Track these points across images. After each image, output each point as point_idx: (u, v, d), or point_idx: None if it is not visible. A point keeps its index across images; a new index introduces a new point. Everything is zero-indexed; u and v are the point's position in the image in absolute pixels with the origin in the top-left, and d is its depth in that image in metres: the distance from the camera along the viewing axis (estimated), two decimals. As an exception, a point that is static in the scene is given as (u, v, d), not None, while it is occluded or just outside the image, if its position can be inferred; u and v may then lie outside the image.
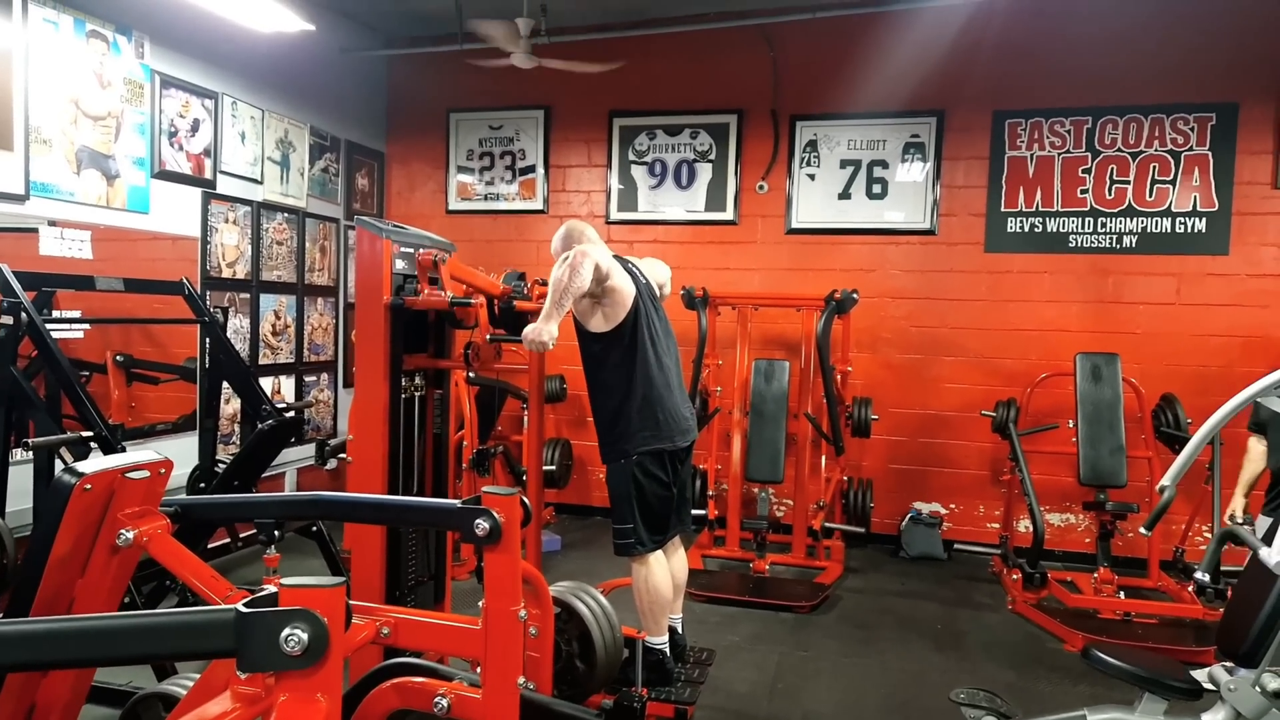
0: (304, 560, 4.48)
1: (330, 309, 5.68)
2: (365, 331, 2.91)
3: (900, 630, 4.01)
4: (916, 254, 5.31)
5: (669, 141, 5.64)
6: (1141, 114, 4.91)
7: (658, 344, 2.98)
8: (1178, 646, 3.70)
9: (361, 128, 5.95)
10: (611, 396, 2.93)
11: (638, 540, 2.93)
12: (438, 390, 3.30)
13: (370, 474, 2.93)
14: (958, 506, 5.36)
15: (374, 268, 2.89)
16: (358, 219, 2.90)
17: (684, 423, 3.00)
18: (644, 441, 2.92)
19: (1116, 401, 4.44)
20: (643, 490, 2.93)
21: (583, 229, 3.16)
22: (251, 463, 3.47)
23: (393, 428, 2.97)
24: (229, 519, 2.19)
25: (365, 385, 2.93)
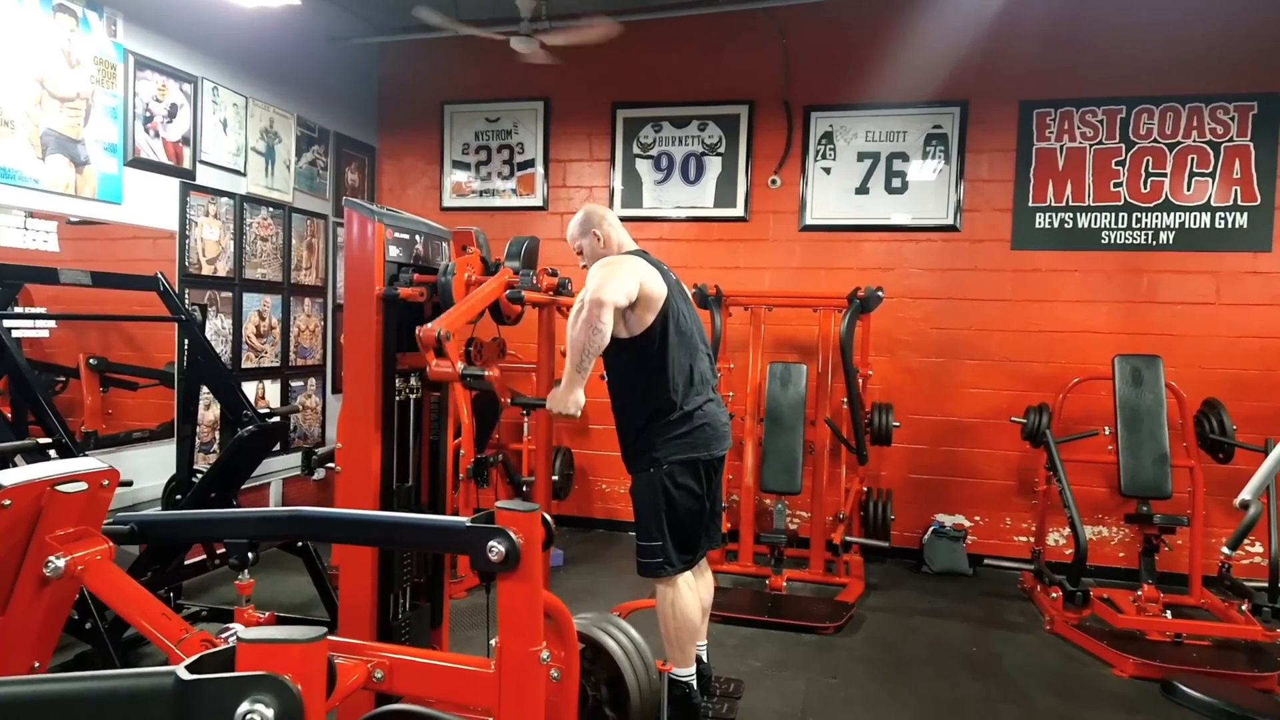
0: (286, 578, 4.15)
1: (318, 310, 5.36)
2: (355, 327, 2.61)
3: (932, 653, 3.72)
4: (937, 252, 5.04)
5: (676, 134, 5.36)
6: (1179, 103, 4.65)
7: (690, 344, 2.69)
8: (1237, 672, 3.42)
9: (351, 119, 5.66)
10: (639, 401, 2.63)
11: (666, 560, 2.63)
12: (435, 393, 2.99)
13: (361, 486, 2.62)
14: (982, 518, 5.07)
15: (365, 254, 2.58)
16: (346, 200, 2.60)
17: (720, 429, 2.71)
18: (675, 449, 2.62)
19: (1159, 407, 4.17)
20: (673, 504, 2.63)
21: (603, 214, 2.87)
22: (230, 473, 3.15)
23: (385, 434, 2.66)
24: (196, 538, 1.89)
25: (355, 387, 2.62)
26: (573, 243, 2.89)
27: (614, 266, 2.61)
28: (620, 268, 2.59)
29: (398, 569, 2.76)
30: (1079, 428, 4.65)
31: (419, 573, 2.90)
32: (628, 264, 2.62)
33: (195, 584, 3.93)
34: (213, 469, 3.10)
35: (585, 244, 2.85)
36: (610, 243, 2.82)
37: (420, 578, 2.89)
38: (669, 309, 2.62)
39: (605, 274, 2.55)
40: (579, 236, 2.86)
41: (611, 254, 2.80)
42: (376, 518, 1.57)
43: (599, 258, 2.81)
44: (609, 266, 2.61)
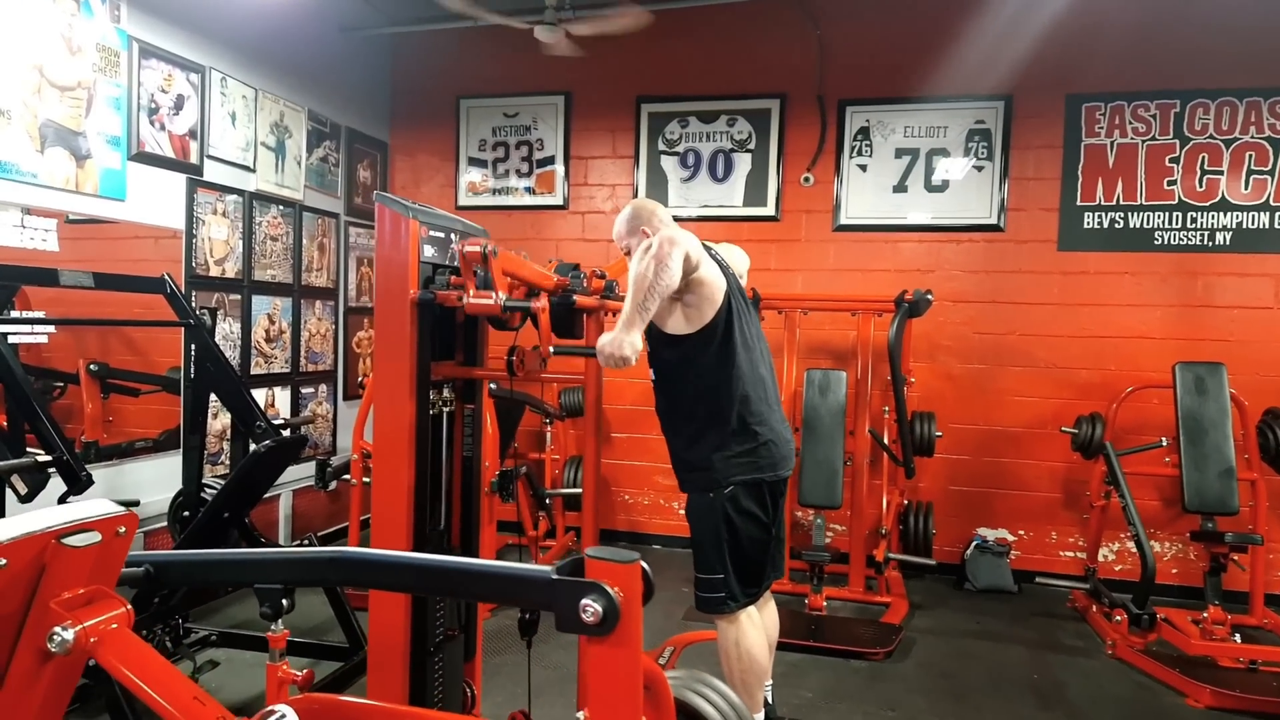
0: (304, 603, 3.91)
1: (329, 313, 5.12)
2: (387, 334, 2.36)
3: (992, 682, 3.48)
4: (980, 253, 4.81)
5: (703, 129, 5.12)
6: (1235, 97, 4.43)
7: (753, 349, 2.44)
8: (1326, 703, 3.19)
9: (363, 114, 5.42)
10: (696, 413, 2.38)
11: (729, 594, 2.38)
12: (469, 405, 2.75)
13: (393, 509, 2.37)
14: (1027, 533, 4.83)
15: (398, 254, 2.34)
16: (378, 195, 2.35)
17: (786, 446, 2.45)
18: (739, 469, 2.36)
19: (1224, 418, 3.95)
20: (735, 531, 2.38)
21: (653, 209, 2.62)
22: (244, 490, 2.91)
23: (419, 452, 2.42)
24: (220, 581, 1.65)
25: (387, 400, 2.38)
26: (620, 242, 2.63)
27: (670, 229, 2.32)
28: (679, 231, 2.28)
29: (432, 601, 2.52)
30: (1131, 438, 4.43)
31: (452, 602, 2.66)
32: (689, 235, 2.31)
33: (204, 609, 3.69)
34: (226, 487, 2.86)
35: (634, 244, 2.57)
36: None
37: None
38: (731, 305, 2.37)
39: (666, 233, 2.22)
40: (627, 235, 2.59)
41: None
42: (437, 564, 1.33)
43: None
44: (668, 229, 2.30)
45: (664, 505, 5.30)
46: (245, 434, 3.38)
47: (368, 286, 5.48)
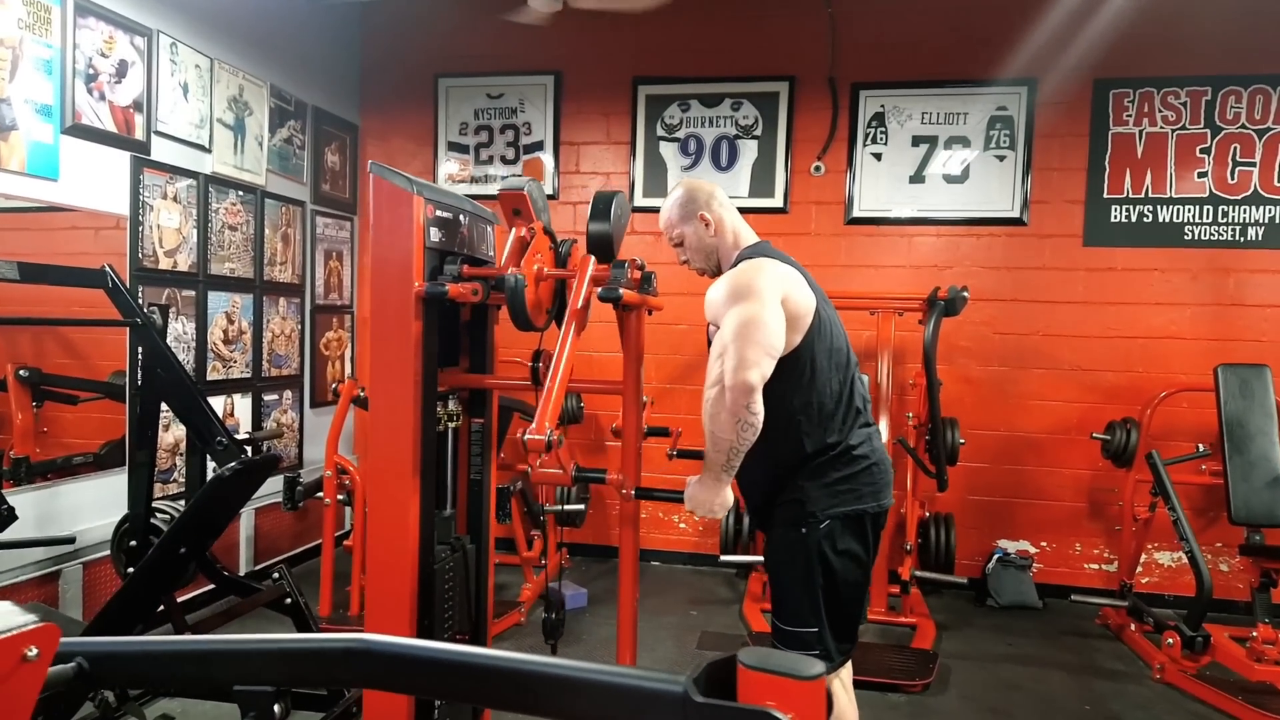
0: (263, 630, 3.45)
1: (294, 311, 4.64)
2: (386, 335, 1.95)
3: (1043, 715, 3.17)
4: (1001, 248, 4.52)
5: (706, 114, 4.75)
6: (1269, 85, 4.20)
7: (844, 362, 2.05)
8: None
9: (332, 92, 4.94)
10: (786, 435, 1.97)
11: (825, 652, 1.97)
12: (476, 419, 2.35)
13: (396, 547, 1.96)
14: (1050, 545, 4.56)
15: (400, 239, 1.93)
16: (373, 166, 1.94)
17: (889, 469, 2.08)
18: (837, 499, 1.97)
19: (1270, 423, 3.70)
20: (832, 574, 1.98)
21: (711, 192, 2.22)
22: (206, 520, 2.45)
23: (426, 478, 2.01)
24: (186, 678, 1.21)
25: (386, 415, 1.96)
26: (669, 231, 2.23)
27: (749, 292, 1.88)
28: (758, 294, 1.87)
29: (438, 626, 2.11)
30: (1158, 444, 4.17)
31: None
32: (765, 282, 1.90)
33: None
34: (184, 516, 2.40)
35: (689, 233, 2.19)
36: (724, 230, 2.17)
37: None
38: (820, 323, 1.99)
39: (742, 318, 1.84)
40: (679, 223, 2.20)
41: (726, 247, 2.16)
42: (508, 666, 0.94)
43: (709, 252, 2.17)
44: (743, 292, 1.88)
45: (663, 519, 4.92)
46: (204, 450, 2.93)
47: (337, 282, 5.01)
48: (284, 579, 2.89)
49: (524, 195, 1.98)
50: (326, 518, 3.68)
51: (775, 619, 2.04)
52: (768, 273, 1.94)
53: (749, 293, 1.88)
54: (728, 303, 1.89)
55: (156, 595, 2.41)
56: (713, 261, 2.19)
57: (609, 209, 2.17)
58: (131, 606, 2.31)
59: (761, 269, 1.95)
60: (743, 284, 1.92)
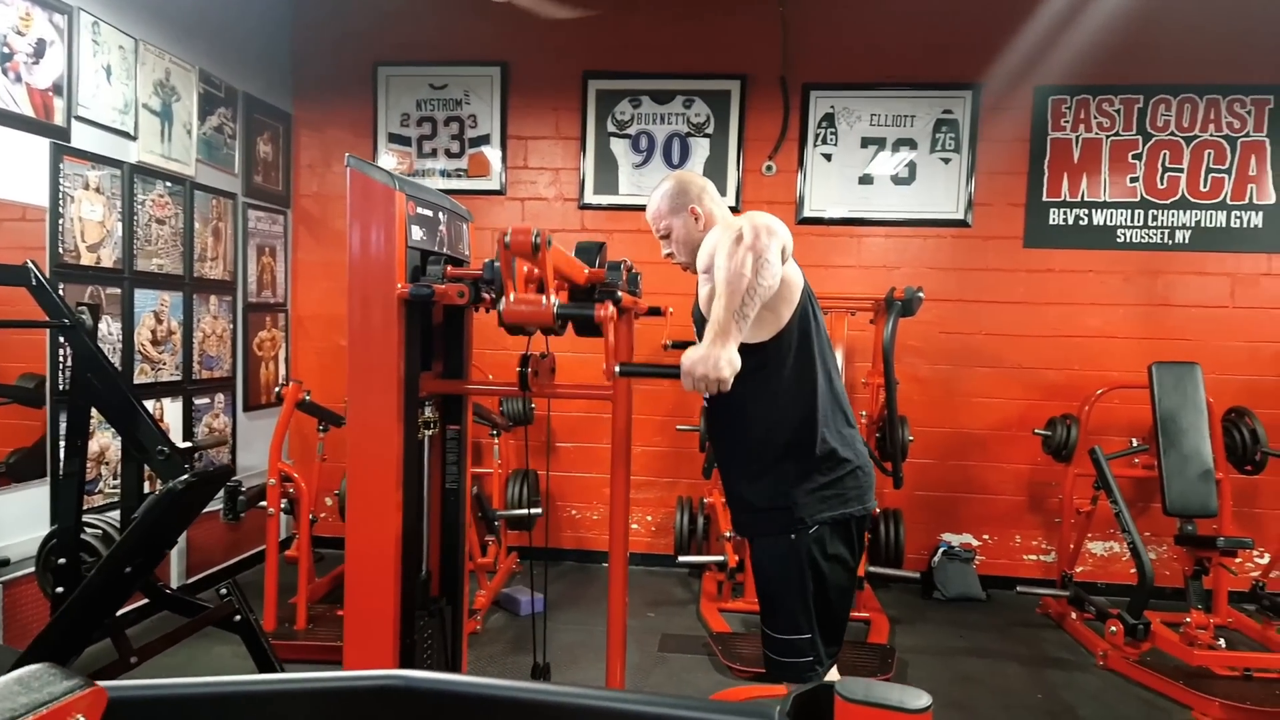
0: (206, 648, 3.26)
1: (226, 310, 4.39)
2: (365, 340, 1.83)
3: (1003, 709, 3.24)
4: (947, 249, 4.61)
5: (657, 111, 4.70)
6: (1196, 94, 4.40)
7: (831, 358, 2.04)
8: (1336, 713, 3.11)
9: (264, 79, 4.69)
10: (772, 438, 1.94)
11: (817, 658, 1.97)
12: (452, 427, 2.24)
13: (377, 563, 1.85)
14: (992, 537, 4.69)
15: (380, 237, 1.82)
16: (350, 159, 1.82)
17: (872, 472, 2.07)
18: (825, 504, 1.94)
19: (1200, 419, 3.87)
20: (823, 580, 1.96)
21: (703, 184, 2.16)
22: (154, 538, 2.27)
23: (408, 489, 1.90)
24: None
25: (365, 424, 1.85)
26: (657, 223, 2.17)
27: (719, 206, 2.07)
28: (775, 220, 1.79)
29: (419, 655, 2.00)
30: (1097, 439, 4.32)
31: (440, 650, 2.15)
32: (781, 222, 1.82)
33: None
34: (131, 533, 2.22)
35: (677, 226, 2.13)
36: (713, 225, 2.12)
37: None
38: (807, 305, 1.97)
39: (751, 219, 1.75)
40: (669, 214, 2.14)
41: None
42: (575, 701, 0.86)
43: (695, 246, 2.12)
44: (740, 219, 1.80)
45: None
46: (141, 462, 2.72)
47: (270, 279, 4.77)
48: (232, 595, 2.72)
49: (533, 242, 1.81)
50: (270, 528, 3.49)
51: (766, 628, 2.01)
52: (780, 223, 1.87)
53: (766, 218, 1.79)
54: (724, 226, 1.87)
55: (99, 618, 2.22)
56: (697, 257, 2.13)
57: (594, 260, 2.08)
58: (72, 631, 2.12)
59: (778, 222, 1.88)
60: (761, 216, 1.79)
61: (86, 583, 2.17)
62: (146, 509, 2.19)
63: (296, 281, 4.98)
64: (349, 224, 1.83)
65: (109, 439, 3.53)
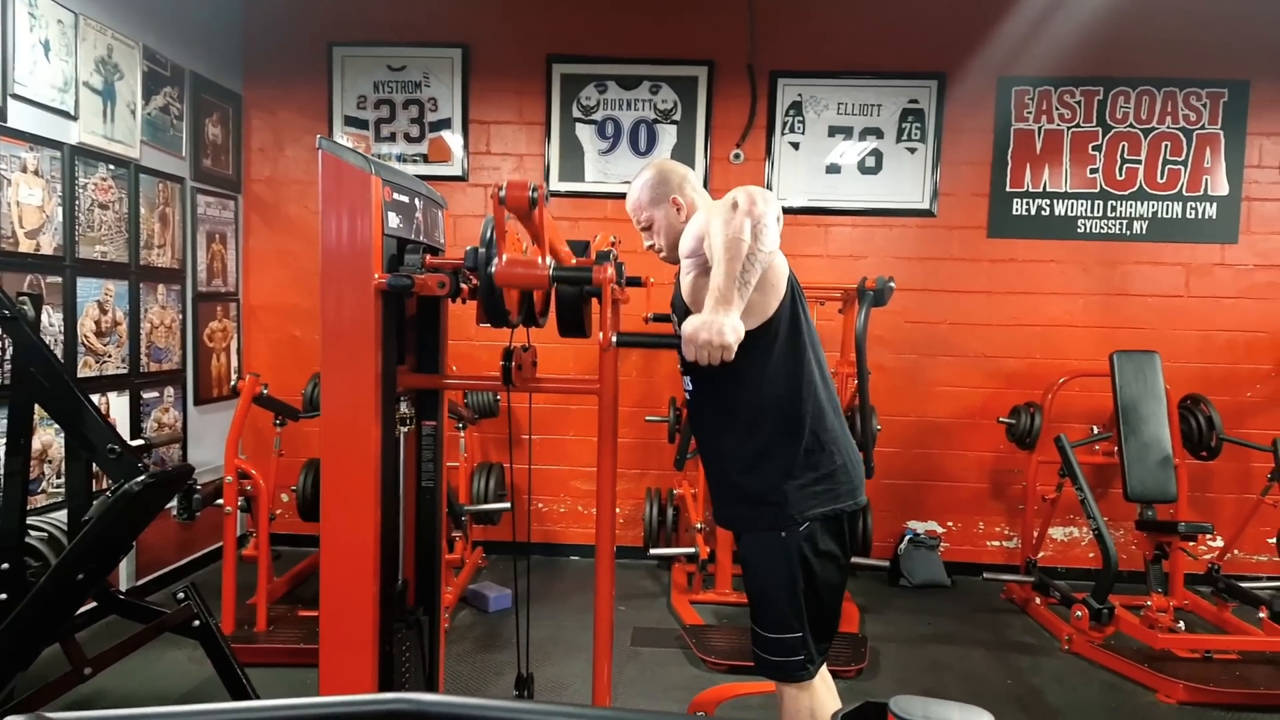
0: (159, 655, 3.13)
1: (175, 300, 4.20)
2: (340, 333, 1.74)
3: (974, 695, 3.27)
4: (913, 239, 4.63)
5: (624, 96, 4.62)
6: (1154, 86, 4.48)
7: (819, 350, 2.00)
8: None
9: (212, 57, 4.49)
10: (759, 431, 1.90)
11: (808, 657, 1.93)
12: (428, 423, 2.16)
13: (356, 567, 1.76)
14: (956, 524, 4.75)
15: (355, 224, 1.72)
16: (323, 141, 1.72)
17: (860, 467, 2.03)
18: (815, 499, 1.90)
19: (1159, 407, 3.95)
20: (814, 578, 1.92)
21: (685, 175, 2.09)
22: (110, 542, 2.14)
23: (386, 489, 1.81)
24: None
25: (341, 422, 1.75)
26: (638, 214, 2.10)
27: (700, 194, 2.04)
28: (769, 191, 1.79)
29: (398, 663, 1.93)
30: (1058, 427, 4.39)
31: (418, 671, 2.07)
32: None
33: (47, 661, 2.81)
34: (85, 537, 2.08)
35: (659, 217, 2.07)
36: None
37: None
38: (794, 294, 1.93)
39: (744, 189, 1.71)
40: (649, 205, 2.07)
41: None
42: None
43: (676, 238, 2.05)
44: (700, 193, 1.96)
45: (582, 512, 4.80)
46: (90, 461, 2.58)
47: (221, 268, 4.58)
48: (190, 599, 2.59)
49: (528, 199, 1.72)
50: (227, 527, 3.35)
51: (756, 626, 1.97)
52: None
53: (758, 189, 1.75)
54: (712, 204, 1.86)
55: (50, 628, 2.09)
56: None
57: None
58: (21, 643, 1.99)
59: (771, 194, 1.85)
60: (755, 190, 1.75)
61: (36, 590, 2.03)
62: (102, 512, 2.06)
63: (248, 270, 4.80)
64: (322, 210, 1.73)
65: (51, 436, 3.35)
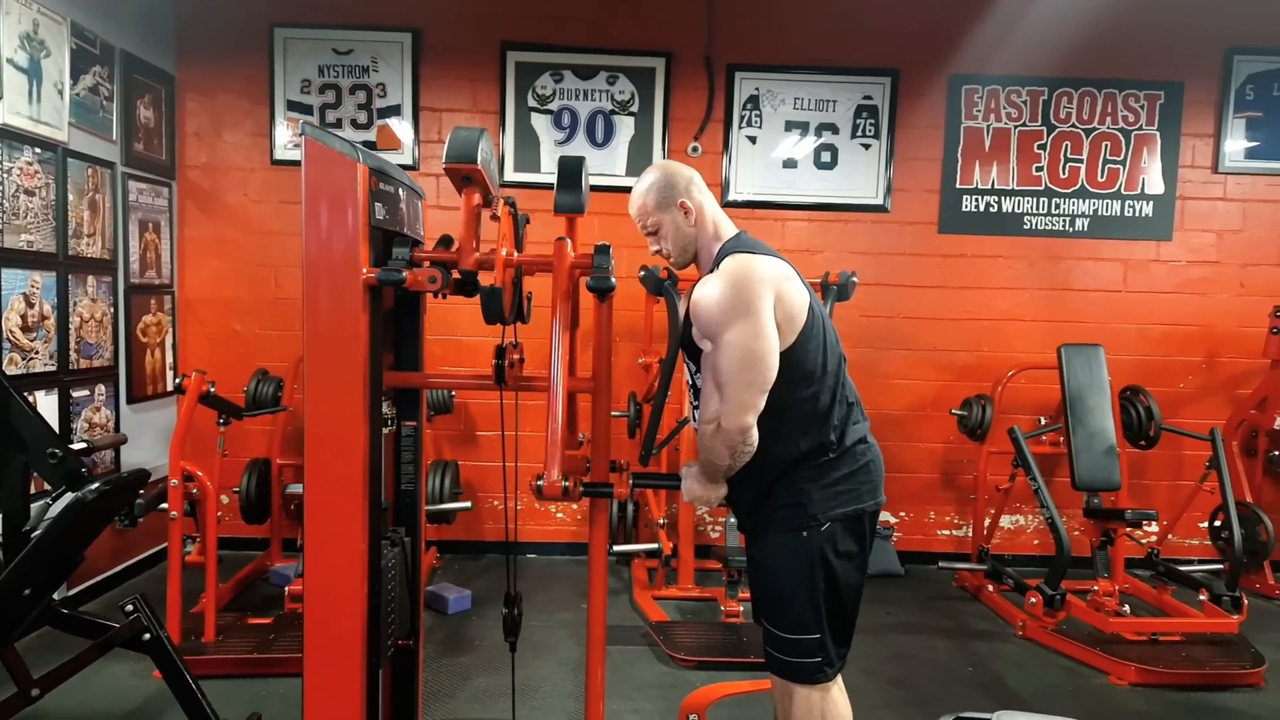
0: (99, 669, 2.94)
1: (106, 293, 3.96)
2: (326, 330, 1.64)
3: (939, 682, 3.34)
4: (867, 234, 4.69)
5: (580, 86, 4.54)
6: (1095, 88, 4.62)
7: (837, 354, 1.96)
8: (1232, 670, 3.36)
9: (144, 35, 4.23)
10: (781, 432, 1.86)
11: (827, 659, 1.91)
12: (408, 423, 2.06)
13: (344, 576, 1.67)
14: (908, 515, 4.84)
15: (341, 215, 1.62)
16: (306, 126, 1.61)
17: (881, 465, 2.01)
18: (837, 500, 1.88)
19: (1104, 398, 4.09)
20: (834, 578, 1.90)
21: (690, 176, 2.00)
22: (58, 557, 1.99)
23: (374, 493, 1.72)
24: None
25: (326, 424, 1.66)
26: (643, 219, 2.00)
27: (745, 309, 1.76)
28: (754, 312, 1.75)
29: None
30: (1007, 418, 4.52)
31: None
32: (761, 289, 1.78)
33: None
34: (32, 552, 1.92)
35: (666, 222, 1.98)
36: (704, 219, 1.98)
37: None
38: (813, 318, 1.88)
39: (739, 353, 1.75)
40: (655, 209, 1.98)
41: (706, 238, 1.97)
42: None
43: (687, 243, 1.98)
44: (739, 308, 1.76)
45: (538, 510, 4.72)
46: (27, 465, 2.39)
47: (154, 258, 4.33)
48: (140, 611, 2.43)
49: (478, 169, 1.71)
50: (172, 532, 3.16)
51: (772, 627, 1.95)
52: (762, 274, 1.80)
53: (745, 309, 1.75)
54: (723, 320, 1.76)
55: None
56: (689, 253, 2.02)
57: (579, 179, 1.94)
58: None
59: (755, 267, 1.81)
60: (738, 294, 1.77)
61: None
62: (52, 522, 1.90)
63: (184, 261, 4.56)
64: (305, 200, 1.63)
65: (-25, 439, 3.10)
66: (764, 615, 1.98)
